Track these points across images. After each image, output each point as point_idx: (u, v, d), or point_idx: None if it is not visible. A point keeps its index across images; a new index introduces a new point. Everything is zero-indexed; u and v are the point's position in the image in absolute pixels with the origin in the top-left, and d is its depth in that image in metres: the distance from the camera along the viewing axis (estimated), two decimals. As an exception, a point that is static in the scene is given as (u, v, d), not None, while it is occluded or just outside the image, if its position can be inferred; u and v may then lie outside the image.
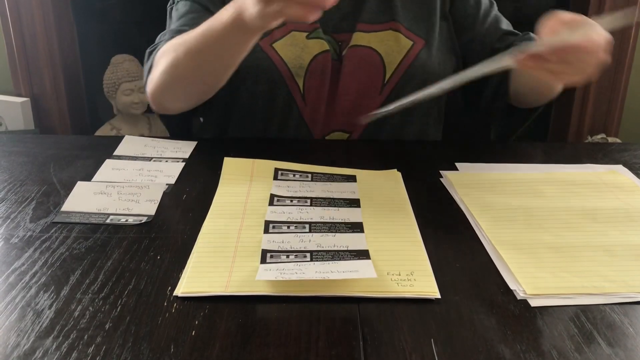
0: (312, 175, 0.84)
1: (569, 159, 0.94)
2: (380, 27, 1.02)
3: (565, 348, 0.51)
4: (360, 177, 0.84)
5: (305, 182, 0.82)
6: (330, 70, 1.00)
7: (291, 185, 0.81)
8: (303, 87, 1.00)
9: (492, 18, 1.08)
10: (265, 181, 0.82)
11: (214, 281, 0.59)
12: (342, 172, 0.86)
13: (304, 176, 0.84)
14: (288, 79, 1.00)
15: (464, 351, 0.50)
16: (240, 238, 0.68)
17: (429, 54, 1.02)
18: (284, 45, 1.00)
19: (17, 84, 2.08)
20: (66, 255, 0.64)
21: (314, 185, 0.81)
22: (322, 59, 0.99)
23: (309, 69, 0.99)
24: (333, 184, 0.82)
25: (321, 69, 1.00)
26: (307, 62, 0.99)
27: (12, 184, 0.82)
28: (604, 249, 0.67)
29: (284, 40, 1.00)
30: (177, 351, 0.49)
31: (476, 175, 0.85)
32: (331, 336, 0.52)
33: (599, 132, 2.16)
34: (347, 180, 0.84)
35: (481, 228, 0.71)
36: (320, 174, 0.85)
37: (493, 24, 1.07)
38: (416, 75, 1.01)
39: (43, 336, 0.51)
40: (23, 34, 2.02)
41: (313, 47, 1.00)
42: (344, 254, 0.64)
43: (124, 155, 0.91)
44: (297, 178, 0.83)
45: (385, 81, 1.01)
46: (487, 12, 1.08)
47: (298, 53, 0.99)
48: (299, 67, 0.99)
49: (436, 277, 0.60)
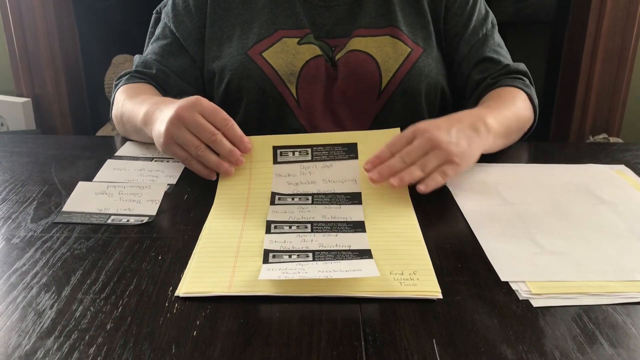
0: (312, 152, 0.82)
1: (570, 159, 0.94)
2: (378, 32, 1.01)
3: (568, 348, 0.51)
4: (361, 147, 0.82)
5: (306, 163, 0.81)
6: (324, 75, 0.99)
7: (292, 172, 0.80)
8: (297, 93, 1.00)
9: (479, 39, 1.04)
10: (265, 166, 0.81)
11: (216, 282, 0.58)
12: (343, 139, 0.83)
13: (304, 153, 0.82)
14: (279, 86, 0.99)
15: (466, 351, 0.50)
16: (242, 238, 0.68)
17: (427, 62, 1.01)
18: (274, 53, 0.99)
19: (19, 85, 2.08)
20: (67, 256, 0.64)
21: (314, 170, 0.80)
22: (314, 64, 0.99)
23: (300, 75, 0.99)
24: (334, 165, 0.81)
25: (314, 74, 0.99)
26: (298, 68, 0.99)
27: (14, 184, 0.82)
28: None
29: (273, 48, 1.00)
30: (178, 351, 0.49)
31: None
32: (333, 336, 0.51)
33: (600, 132, 2.16)
34: (348, 154, 0.82)
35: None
36: (320, 146, 0.82)
37: (477, 46, 1.04)
38: (413, 83, 1.00)
39: (44, 336, 0.51)
40: (25, 34, 2.02)
41: (305, 52, 0.99)
42: (346, 254, 0.64)
43: (125, 155, 0.91)
44: (297, 157, 0.82)
45: (382, 88, 1.00)
46: (476, 31, 1.05)
47: (289, 59, 0.99)
48: (290, 74, 0.99)
49: (437, 277, 0.60)
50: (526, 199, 0.78)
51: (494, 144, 0.87)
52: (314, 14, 1.03)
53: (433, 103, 1.04)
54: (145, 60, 1.04)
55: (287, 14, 1.02)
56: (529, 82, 1.02)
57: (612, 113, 2.14)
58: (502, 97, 0.95)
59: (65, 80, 2.10)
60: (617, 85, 2.10)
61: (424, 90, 1.01)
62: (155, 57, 1.04)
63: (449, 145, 0.76)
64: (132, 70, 1.04)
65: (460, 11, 1.05)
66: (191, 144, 0.77)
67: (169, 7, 1.06)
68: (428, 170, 0.75)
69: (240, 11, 1.03)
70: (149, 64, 1.03)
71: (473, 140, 0.80)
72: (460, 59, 1.05)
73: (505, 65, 1.02)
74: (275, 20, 1.02)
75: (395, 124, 1.00)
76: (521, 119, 0.95)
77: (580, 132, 2.18)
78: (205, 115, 0.77)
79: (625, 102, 2.13)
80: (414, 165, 0.75)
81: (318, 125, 1.01)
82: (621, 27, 2.03)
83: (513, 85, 0.98)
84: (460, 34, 1.05)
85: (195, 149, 0.77)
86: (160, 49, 1.04)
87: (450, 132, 0.78)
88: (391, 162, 0.76)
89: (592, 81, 2.10)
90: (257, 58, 0.99)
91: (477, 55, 1.04)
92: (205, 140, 0.77)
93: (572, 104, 2.16)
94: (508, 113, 0.90)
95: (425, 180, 0.75)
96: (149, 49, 1.07)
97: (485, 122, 0.83)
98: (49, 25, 2.02)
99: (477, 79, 1.02)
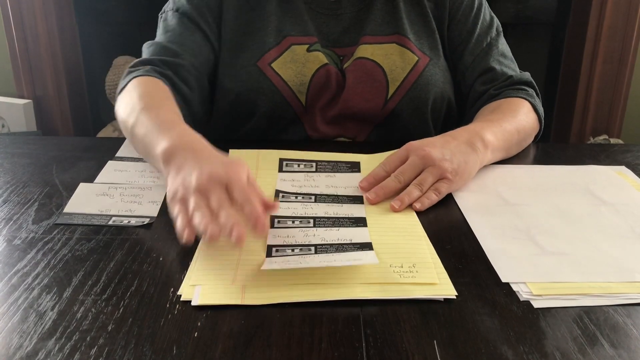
0: (316, 165, 0.86)
1: (571, 160, 0.94)
2: (385, 40, 1.00)
3: (569, 349, 0.51)
4: (364, 166, 0.86)
5: (310, 173, 0.84)
6: (334, 84, 0.98)
7: (296, 178, 0.82)
8: (306, 101, 0.99)
9: (483, 48, 1.03)
10: (270, 174, 0.83)
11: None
12: (346, 158, 0.88)
13: (309, 165, 0.86)
14: (289, 97, 0.98)
15: (467, 352, 0.50)
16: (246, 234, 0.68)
17: (434, 71, 1.00)
18: (284, 63, 0.98)
19: (20, 86, 2.09)
20: (69, 257, 0.64)
21: (318, 178, 0.83)
22: (324, 72, 0.98)
23: (311, 84, 0.98)
24: (337, 176, 0.83)
25: (324, 82, 0.98)
26: (308, 77, 0.97)
27: (15, 185, 0.82)
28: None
29: (283, 57, 0.98)
30: (179, 353, 0.49)
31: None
32: (334, 338, 0.51)
33: (601, 133, 2.16)
34: (351, 169, 0.85)
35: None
36: (325, 162, 0.86)
37: (481, 56, 1.03)
38: (420, 92, 0.99)
39: (45, 338, 0.51)
40: (25, 35, 2.03)
41: (314, 60, 0.98)
42: (347, 247, 0.65)
43: (126, 156, 0.91)
44: (301, 169, 0.85)
45: (388, 97, 0.99)
46: (480, 39, 1.04)
47: (299, 69, 0.98)
48: (300, 85, 0.98)
49: (439, 278, 0.60)
50: (527, 199, 0.78)
51: (493, 158, 0.88)
52: (321, 23, 1.02)
53: (439, 112, 1.03)
54: (165, 45, 0.96)
55: (294, 22, 1.01)
56: (533, 92, 1.01)
57: (612, 114, 2.14)
58: (504, 109, 0.94)
59: (66, 82, 2.10)
60: (617, 86, 2.10)
61: (430, 100, 1.00)
62: (175, 44, 0.96)
63: (442, 162, 0.77)
64: (155, 59, 0.94)
65: (464, 19, 1.04)
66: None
67: (183, 0, 1.01)
68: (425, 189, 0.77)
69: (250, 18, 1.01)
70: (176, 53, 0.95)
71: (469, 157, 0.80)
72: (465, 68, 1.04)
73: (509, 77, 1.01)
74: (284, 27, 1.00)
75: (400, 132, 1.00)
76: (523, 131, 0.93)
77: (581, 133, 2.18)
78: (235, 195, 0.64)
79: (626, 103, 2.14)
80: (411, 184, 0.76)
81: (322, 130, 1.01)
82: (621, 28, 2.03)
83: (517, 96, 0.98)
84: (464, 43, 1.04)
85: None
86: (179, 37, 0.97)
87: (444, 149, 0.79)
88: (386, 182, 0.77)
89: (592, 82, 2.10)
90: (267, 70, 0.97)
91: (480, 65, 1.03)
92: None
93: (572, 105, 2.16)
94: (508, 126, 0.89)
95: (421, 199, 0.76)
96: (164, 37, 0.99)
97: (483, 137, 0.84)
98: (50, 27, 2.02)
99: (481, 90, 1.02)
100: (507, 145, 0.90)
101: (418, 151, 0.78)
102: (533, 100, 0.98)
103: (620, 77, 2.09)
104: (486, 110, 0.97)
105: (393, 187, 0.77)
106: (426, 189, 0.77)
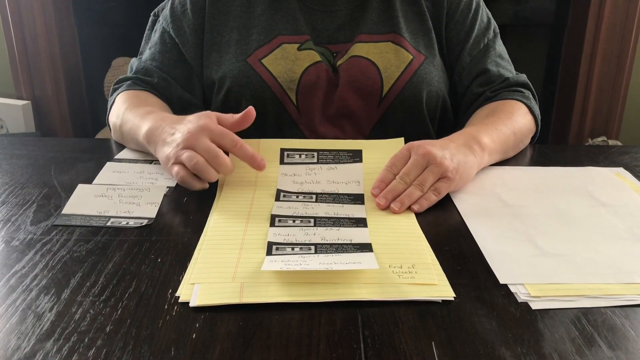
0: (317, 155, 0.86)
1: (569, 162, 0.94)
2: (380, 38, 1.01)
3: (567, 351, 0.51)
4: (366, 154, 0.86)
5: (312, 165, 0.84)
6: (325, 82, 0.99)
7: (297, 172, 0.82)
8: (297, 99, 0.99)
9: (480, 50, 1.04)
10: (271, 165, 0.83)
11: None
12: (348, 146, 0.87)
13: (310, 156, 0.85)
14: (279, 94, 0.99)
15: (465, 354, 0.50)
16: (247, 231, 0.69)
17: (428, 70, 1.01)
18: (274, 59, 0.99)
19: (19, 87, 2.09)
20: (67, 258, 0.64)
21: (319, 172, 0.83)
22: (314, 70, 0.98)
23: (301, 82, 0.98)
24: (339, 168, 0.83)
25: (314, 80, 0.98)
26: (298, 74, 0.98)
27: (13, 186, 0.82)
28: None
29: (273, 54, 0.99)
30: (177, 354, 0.49)
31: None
32: (332, 339, 0.51)
33: (599, 134, 2.16)
34: (353, 159, 0.85)
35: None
36: (326, 151, 0.86)
37: (478, 57, 1.04)
38: (415, 91, 0.99)
39: (44, 339, 0.51)
40: (24, 36, 2.03)
41: (304, 59, 0.99)
42: (347, 247, 0.65)
43: (124, 158, 0.91)
44: (303, 160, 0.85)
45: (383, 95, 1.00)
46: (477, 40, 1.04)
47: (289, 66, 0.98)
48: (289, 81, 0.98)
49: (437, 279, 0.60)
50: (525, 201, 0.79)
51: (490, 161, 0.88)
52: (315, 20, 1.03)
53: (434, 111, 1.04)
54: (145, 67, 1.03)
55: (286, 20, 1.01)
56: (530, 94, 1.01)
57: (611, 115, 2.14)
58: (500, 111, 0.95)
59: (64, 83, 2.10)
60: (615, 88, 2.10)
61: (425, 98, 1.00)
62: (156, 64, 1.03)
63: (443, 160, 0.77)
64: (132, 77, 1.03)
65: (462, 20, 1.04)
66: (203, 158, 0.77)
67: (167, 11, 1.05)
68: (426, 189, 0.77)
69: (239, 14, 1.03)
70: (150, 72, 1.03)
71: (468, 158, 0.81)
72: (461, 69, 1.04)
73: (505, 79, 1.01)
74: (275, 26, 1.01)
75: (395, 131, 1.00)
76: (519, 133, 0.93)
77: (579, 134, 2.18)
78: (215, 139, 0.76)
79: (624, 104, 2.14)
80: (412, 185, 0.77)
81: (318, 131, 1.01)
82: (620, 30, 2.03)
83: (513, 98, 0.98)
84: (462, 43, 1.04)
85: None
86: (160, 55, 1.04)
87: (444, 150, 0.79)
88: (393, 184, 0.78)
89: (591, 84, 2.11)
90: (256, 65, 0.99)
91: (477, 66, 1.03)
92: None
93: (571, 107, 2.17)
94: (504, 129, 0.90)
95: (419, 201, 0.76)
96: (147, 54, 1.06)
97: (479, 140, 0.84)
98: (49, 28, 2.03)
99: (477, 92, 1.02)
100: (504, 147, 0.90)
101: (419, 149, 0.78)
102: (529, 102, 0.98)
103: (618, 79, 2.09)
104: (482, 112, 0.97)
105: (400, 189, 0.77)
106: (427, 189, 0.77)
